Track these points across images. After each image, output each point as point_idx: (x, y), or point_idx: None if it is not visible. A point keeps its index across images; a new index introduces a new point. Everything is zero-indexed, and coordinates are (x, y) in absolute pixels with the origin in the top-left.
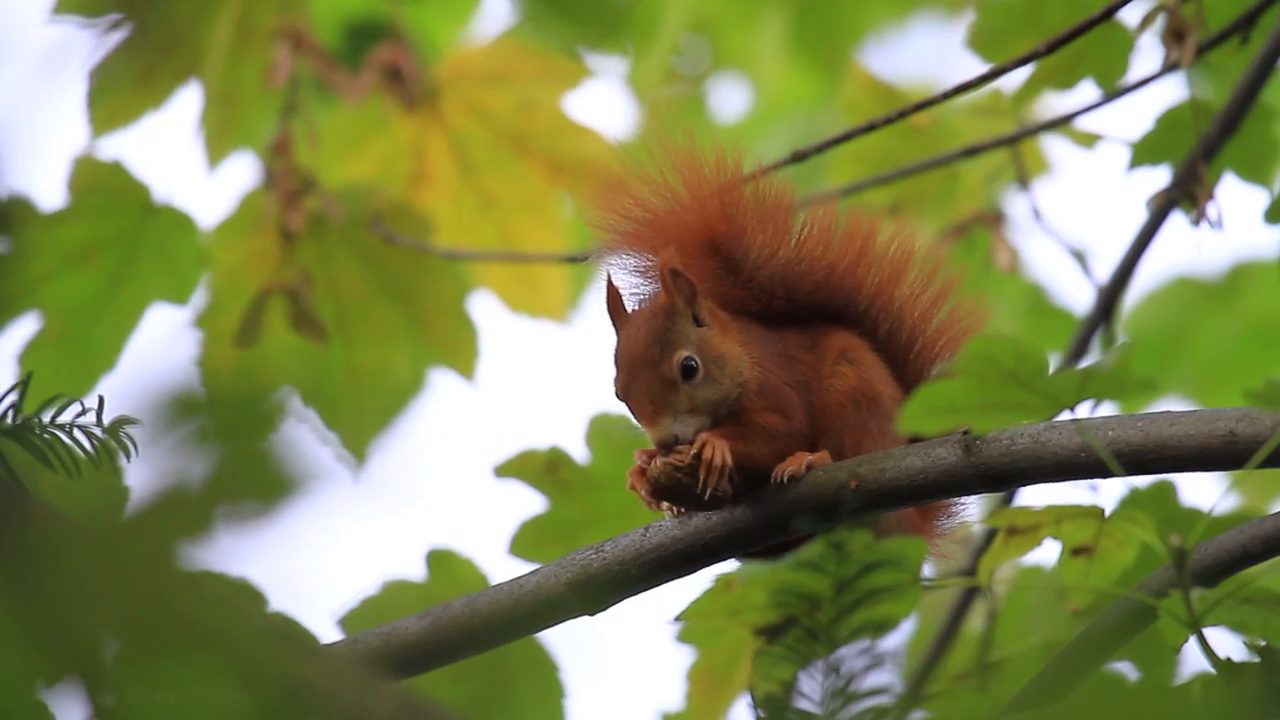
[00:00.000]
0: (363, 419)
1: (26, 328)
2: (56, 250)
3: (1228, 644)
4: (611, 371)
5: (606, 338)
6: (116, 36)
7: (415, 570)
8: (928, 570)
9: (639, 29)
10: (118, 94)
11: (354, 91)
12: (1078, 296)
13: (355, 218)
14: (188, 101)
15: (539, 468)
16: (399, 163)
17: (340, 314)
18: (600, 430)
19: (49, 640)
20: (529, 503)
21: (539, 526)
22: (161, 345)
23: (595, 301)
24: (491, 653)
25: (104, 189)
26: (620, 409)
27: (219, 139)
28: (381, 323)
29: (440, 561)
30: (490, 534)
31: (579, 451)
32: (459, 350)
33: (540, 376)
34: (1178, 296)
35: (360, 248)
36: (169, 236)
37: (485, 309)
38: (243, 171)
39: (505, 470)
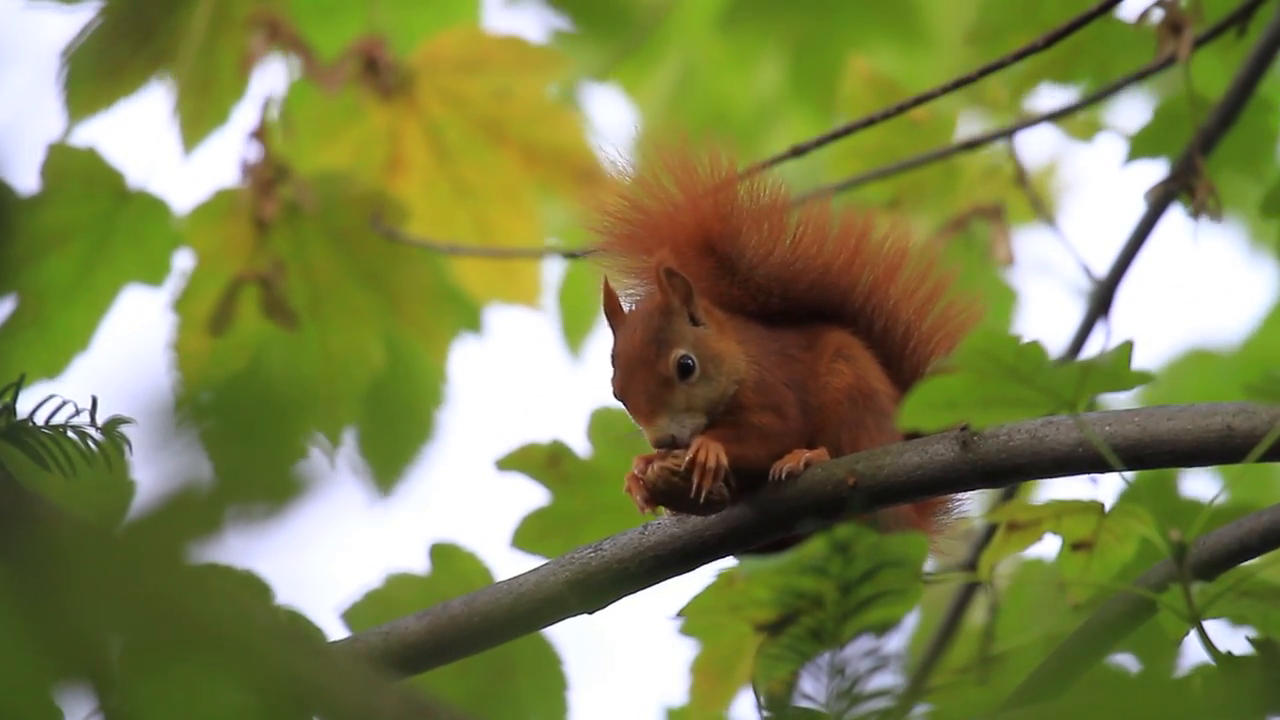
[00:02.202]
0: (337, 405)
1: (0, 310)
2: (31, 235)
3: (1227, 637)
4: (609, 371)
5: (604, 336)
6: (93, 22)
7: (418, 564)
8: (927, 566)
9: (636, 66)
10: (93, 80)
11: (330, 80)
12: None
13: (329, 205)
14: (163, 88)
15: (541, 461)
16: (373, 150)
17: (314, 300)
18: (602, 424)
19: (56, 639)
20: (531, 495)
21: (541, 519)
22: (134, 329)
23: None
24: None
25: (78, 175)
26: (619, 406)
27: (194, 125)
28: (356, 309)
29: (443, 555)
30: (492, 527)
31: (580, 445)
32: (433, 337)
33: (526, 364)
34: (1194, 367)
35: (334, 235)
36: (143, 222)
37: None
38: (218, 158)
39: (507, 463)
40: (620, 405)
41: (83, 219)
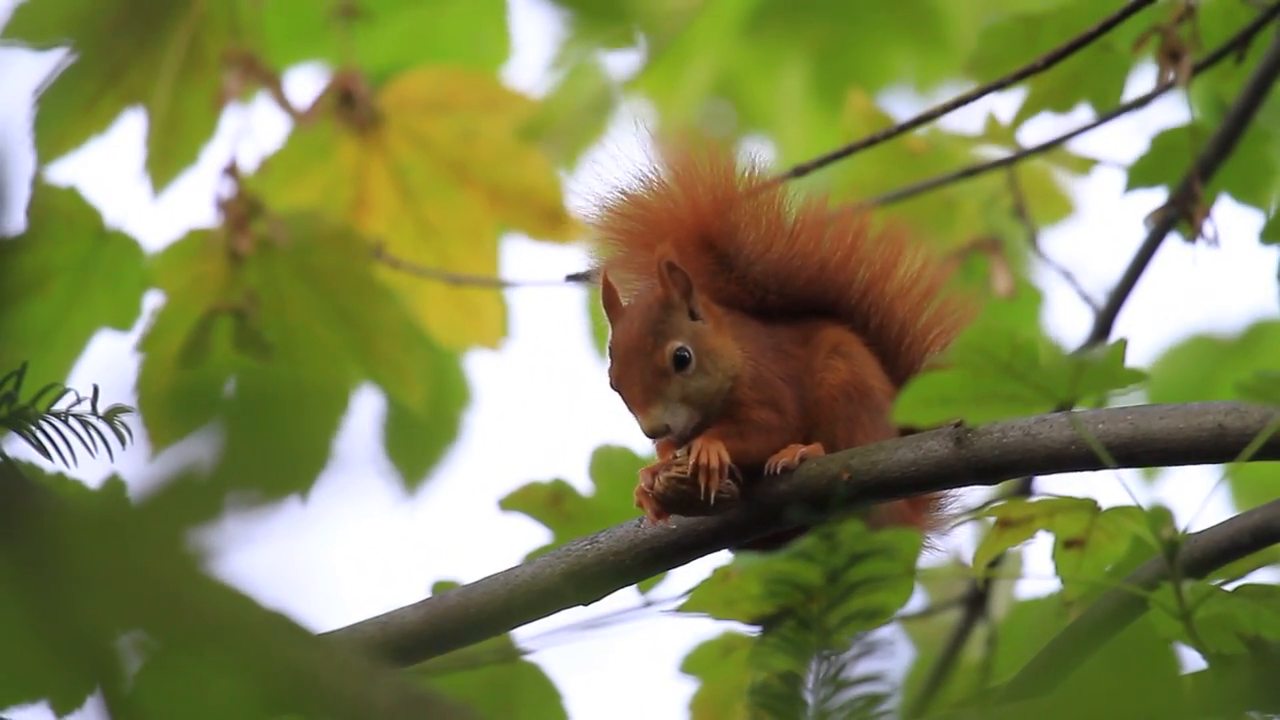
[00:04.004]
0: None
1: None
2: (16, 276)
3: (1217, 636)
4: (606, 362)
5: (603, 333)
6: (64, 61)
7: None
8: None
9: (663, 73)
10: (64, 119)
11: (305, 116)
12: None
13: (302, 242)
14: (134, 126)
15: (542, 500)
16: (340, 190)
17: (286, 337)
18: (604, 462)
19: (57, 630)
20: (533, 535)
21: None
22: (104, 370)
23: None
24: (496, 680)
25: (60, 214)
26: (616, 433)
27: (163, 166)
28: (327, 346)
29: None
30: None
31: (583, 483)
32: (403, 374)
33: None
34: (1195, 354)
35: (307, 272)
36: (119, 262)
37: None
38: (190, 195)
39: (509, 504)
40: (617, 413)
41: (63, 260)
